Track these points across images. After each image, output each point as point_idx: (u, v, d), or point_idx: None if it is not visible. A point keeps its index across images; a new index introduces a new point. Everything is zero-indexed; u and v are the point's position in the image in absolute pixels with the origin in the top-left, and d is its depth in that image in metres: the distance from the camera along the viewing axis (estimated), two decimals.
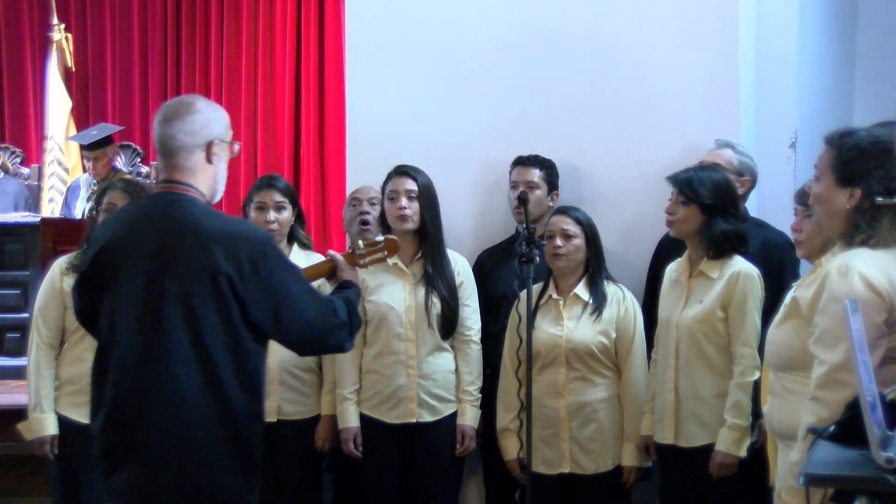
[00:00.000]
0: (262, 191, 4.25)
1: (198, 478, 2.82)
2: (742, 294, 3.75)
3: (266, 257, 2.86)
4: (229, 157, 3.03)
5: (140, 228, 2.93)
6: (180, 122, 2.93)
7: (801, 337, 2.79)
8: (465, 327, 4.21)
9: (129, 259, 2.89)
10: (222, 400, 2.82)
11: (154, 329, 2.84)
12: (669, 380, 3.84)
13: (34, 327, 4.13)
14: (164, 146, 2.94)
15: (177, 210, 2.90)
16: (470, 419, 4.19)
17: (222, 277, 2.80)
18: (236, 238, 2.86)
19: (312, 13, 7.54)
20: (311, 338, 2.98)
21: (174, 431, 2.81)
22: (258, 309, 2.84)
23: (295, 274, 2.95)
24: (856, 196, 2.71)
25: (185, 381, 2.80)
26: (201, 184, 2.94)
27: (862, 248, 2.67)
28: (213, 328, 2.81)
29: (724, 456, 3.71)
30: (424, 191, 4.18)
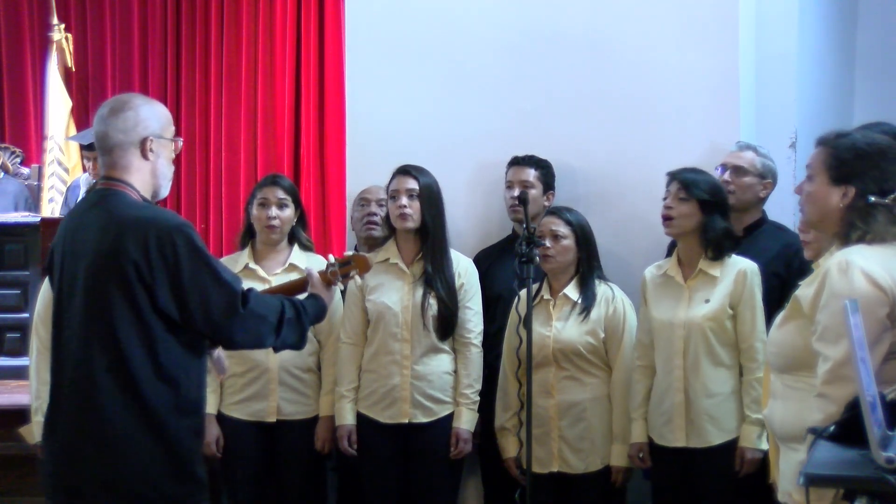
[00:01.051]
0: (266, 187, 4.27)
1: (112, 469, 2.84)
2: (751, 291, 3.80)
3: (174, 244, 2.86)
4: (172, 153, 3.07)
5: (76, 225, 3.00)
6: (114, 120, 2.99)
7: (803, 336, 2.79)
8: (465, 329, 4.20)
9: (64, 255, 2.98)
10: (134, 390, 2.84)
11: (71, 320, 2.91)
12: (677, 380, 3.84)
13: (35, 331, 4.13)
14: (100, 143, 3.01)
15: (103, 204, 2.96)
16: (466, 422, 4.17)
17: (129, 265, 2.83)
18: (146, 224, 2.88)
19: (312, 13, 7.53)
20: (218, 326, 2.94)
21: (86, 422, 2.86)
22: (163, 296, 2.85)
23: (204, 262, 2.91)
24: (849, 195, 2.73)
25: (97, 372, 2.84)
26: (136, 180, 2.99)
27: (859, 244, 2.68)
28: (121, 316, 2.84)
29: (751, 451, 3.73)
30: (426, 190, 4.18)
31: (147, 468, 2.86)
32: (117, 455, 2.84)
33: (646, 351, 3.99)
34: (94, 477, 2.86)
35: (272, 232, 4.21)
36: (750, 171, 4.16)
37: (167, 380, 2.89)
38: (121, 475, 2.85)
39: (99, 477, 2.86)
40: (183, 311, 2.88)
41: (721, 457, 3.79)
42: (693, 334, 3.82)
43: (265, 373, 4.18)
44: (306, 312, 3.11)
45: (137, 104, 3.03)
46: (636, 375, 3.99)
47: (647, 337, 3.98)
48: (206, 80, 7.83)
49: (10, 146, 7.43)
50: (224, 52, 7.78)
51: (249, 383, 4.20)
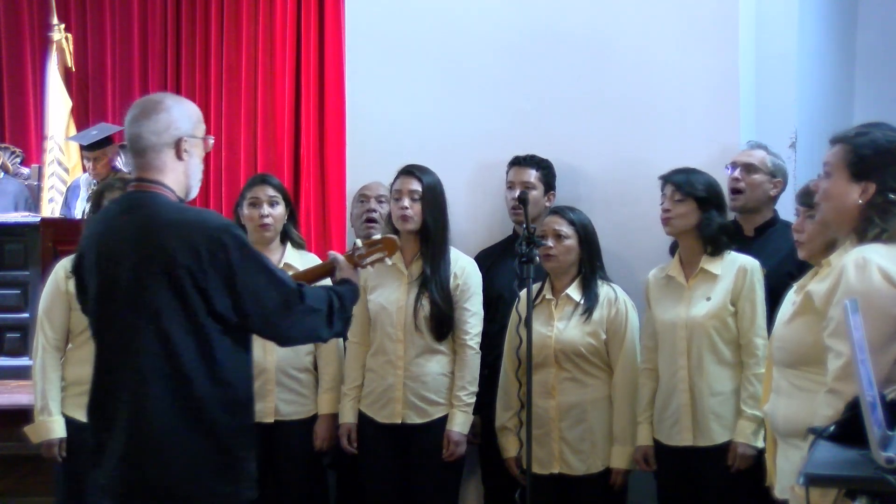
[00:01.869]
0: (255, 187, 4.26)
1: (168, 473, 2.83)
2: (751, 287, 3.80)
3: (223, 245, 2.85)
4: (203, 151, 3.04)
5: (109, 229, 2.96)
6: (147, 122, 2.94)
7: (813, 332, 2.79)
8: (462, 331, 4.17)
9: (99, 259, 2.94)
10: (189, 395, 2.83)
11: (121, 327, 2.87)
12: (682, 380, 3.84)
13: (39, 329, 4.13)
14: (133, 145, 2.97)
15: (141, 208, 2.92)
16: (458, 425, 4.14)
17: (182, 270, 2.81)
18: (193, 227, 2.86)
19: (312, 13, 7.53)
20: (277, 327, 2.95)
21: (142, 427, 2.83)
22: (219, 298, 2.83)
23: (256, 261, 2.91)
24: (869, 191, 2.72)
25: (149, 378, 2.82)
26: (171, 181, 2.96)
27: (876, 242, 2.68)
28: (175, 322, 2.82)
29: (744, 447, 3.73)
30: (428, 191, 4.17)
31: (200, 471, 2.84)
32: (171, 459, 2.83)
33: (651, 354, 3.98)
34: (147, 482, 2.84)
35: (265, 230, 4.20)
36: (761, 168, 4.17)
37: (222, 382, 2.88)
38: (174, 480, 2.84)
39: (152, 482, 2.84)
40: (240, 312, 2.86)
41: (727, 455, 3.79)
42: (696, 333, 3.83)
43: (262, 373, 4.17)
44: (348, 298, 3.11)
45: (169, 105, 2.98)
46: (641, 379, 3.99)
47: (652, 340, 3.98)
48: (206, 80, 7.83)
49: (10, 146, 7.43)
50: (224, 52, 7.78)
51: None
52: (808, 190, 3.29)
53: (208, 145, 3.06)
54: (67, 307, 4.09)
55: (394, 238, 3.52)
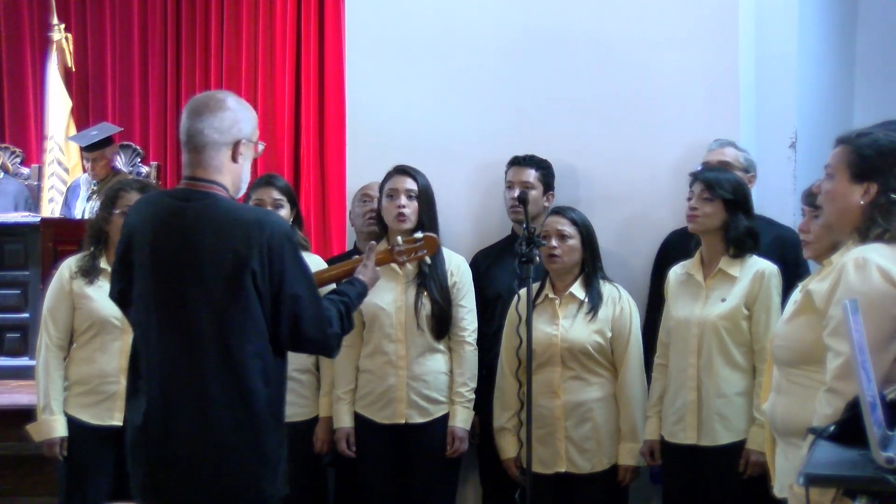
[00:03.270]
0: (261, 188, 4.25)
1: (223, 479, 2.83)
2: (767, 292, 3.79)
3: (283, 249, 2.85)
4: (253, 156, 3.02)
5: (163, 227, 2.92)
6: (211, 118, 2.90)
7: (814, 331, 2.79)
8: (459, 328, 4.18)
9: (154, 255, 2.90)
10: (246, 395, 2.83)
11: (180, 329, 2.85)
12: (691, 378, 3.84)
13: (43, 328, 4.12)
14: (191, 140, 2.91)
15: (199, 208, 2.88)
16: (461, 421, 4.16)
17: (248, 272, 2.80)
18: (260, 224, 2.84)
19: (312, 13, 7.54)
20: (301, 340, 2.96)
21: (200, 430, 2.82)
22: (265, 304, 2.84)
23: (305, 274, 2.92)
24: (871, 192, 2.72)
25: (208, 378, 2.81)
26: (226, 181, 2.93)
27: (877, 242, 2.68)
28: (236, 322, 2.81)
29: (757, 454, 3.71)
30: (424, 191, 4.18)
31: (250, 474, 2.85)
32: (228, 463, 2.83)
33: (666, 350, 3.98)
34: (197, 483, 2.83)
35: None
36: (735, 165, 4.17)
37: (271, 383, 2.89)
38: (228, 484, 2.84)
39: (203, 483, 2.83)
40: (275, 318, 2.86)
41: (729, 456, 3.78)
42: (707, 333, 3.82)
43: None
44: (353, 305, 3.12)
45: (233, 104, 2.95)
46: (654, 374, 3.99)
47: (668, 336, 3.98)
48: (206, 80, 7.84)
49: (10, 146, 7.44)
50: (224, 52, 7.79)
51: None
52: (812, 191, 3.29)
53: (258, 150, 3.03)
54: (71, 306, 4.09)
55: (434, 237, 3.53)
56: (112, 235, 4.08)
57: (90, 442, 4.03)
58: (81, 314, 4.06)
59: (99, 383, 4.05)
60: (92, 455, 4.03)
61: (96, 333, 4.05)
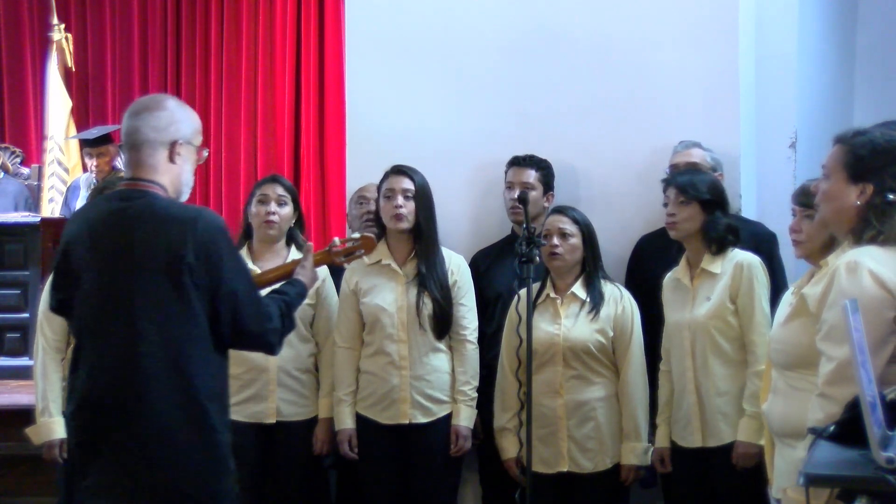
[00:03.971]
0: (266, 184, 4.27)
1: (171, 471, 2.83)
2: (749, 283, 3.79)
3: (217, 243, 2.87)
4: (196, 162, 3.03)
5: (101, 228, 2.94)
6: (148, 117, 2.95)
7: (809, 334, 2.78)
8: (460, 326, 4.19)
9: (91, 258, 2.92)
10: (191, 390, 2.84)
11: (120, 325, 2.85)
12: (689, 381, 3.84)
13: (39, 331, 4.12)
14: (129, 139, 2.95)
15: (136, 206, 2.91)
16: (465, 419, 4.17)
17: (185, 266, 2.82)
18: (194, 220, 2.86)
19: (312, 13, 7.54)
20: (242, 334, 2.96)
21: (145, 426, 2.83)
22: (203, 294, 2.85)
23: (241, 268, 2.95)
24: (867, 192, 2.71)
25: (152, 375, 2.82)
26: (165, 181, 2.95)
27: (871, 245, 2.67)
28: (176, 318, 2.83)
29: (746, 446, 3.72)
30: (421, 191, 4.18)
31: (197, 469, 2.86)
32: (175, 458, 2.84)
33: (668, 357, 3.99)
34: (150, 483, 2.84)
35: (270, 227, 4.19)
36: (703, 166, 4.18)
37: (217, 377, 2.91)
38: (177, 479, 2.84)
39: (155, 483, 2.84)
40: (213, 312, 2.87)
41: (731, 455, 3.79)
42: (698, 334, 3.83)
43: (264, 374, 4.17)
44: (293, 304, 3.14)
45: (172, 106, 3.00)
46: (661, 380, 4.00)
47: (669, 342, 3.98)
48: (206, 80, 7.84)
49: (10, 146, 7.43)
50: (224, 52, 7.79)
51: (248, 384, 4.19)
52: (804, 190, 3.29)
53: (202, 156, 3.06)
54: None
55: (371, 236, 3.55)
56: None
57: None
58: None
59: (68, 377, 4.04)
60: None
61: None
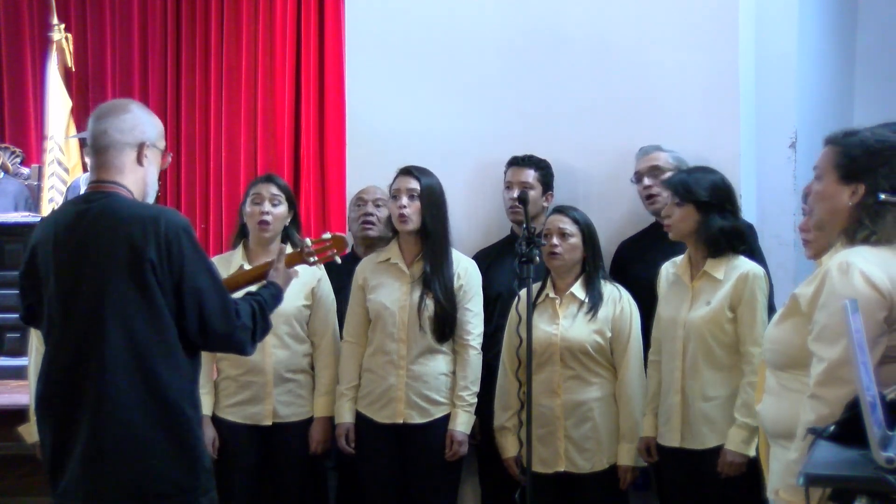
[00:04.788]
0: (260, 184, 4.26)
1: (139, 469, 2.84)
2: (751, 295, 3.77)
3: (180, 241, 2.88)
4: (162, 165, 3.07)
5: (64, 230, 2.96)
6: (113, 119, 2.99)
7: (800, 334, 2.78)
8: (464, 331, 4.18)
9: (55, 260, 2.94)
10: (155, 387, 2.85)
11: (84, 323, 2.87)
12: (676, 381, 3.84)
13: (33, 330, 4.11)
14: (95, 142, 2.99)
15: (98, 206, 2.93)
16: (461, 424, 4.15)
17: (147, 264, 2.83)
18: (156, 219, 2.88)
19: (312, 13, 7.54)
20: (209, 333, 2.96)
21: (112, 424, 2.83)
22: (167, 292, 2.87)
23: (205, 266, 2.95)
24: (859, 192, 2.71)
25: (117, 372, 2.83)
26: (129, 183, 2.98)
27: (863, 245, 2.67)
28: (140, 316, 2.84)
29: (733, 455, 3.72)
30: (427, 191, 4.17)
31: (168, 466, 2.87)
32: (142, 456, 2.84)
33: (659, 346, 3.98)
34: (117, 482, 2.84)
35: (264, 229, 4.18)
36: (665, 168, 4.18)
37: (185, 376, 2.92)
38: (145, 476, 2.85)
39: (123, 481, 2.84)
40: (179, 311, 2.89)
41: (716, 459, 3.78)
42: (692, 336, 3.82)
43: (261, 376, 4.16)
44: (268, 305, 3.14)
45: (136, 108, 3.05)
46: (650, 370, 4.00)
47: (661, 334, 3.98)
48: (206, 80, 7.84)
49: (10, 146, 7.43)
50: (224, 52, 7.79)
51: (244, 386, 4.18)
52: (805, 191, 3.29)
53: (166, 161, 3.10)
54: None
55: (343, 236, 3.57)
56: None
57: None
58: None
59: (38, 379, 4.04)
60: None
61: None
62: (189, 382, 2.95)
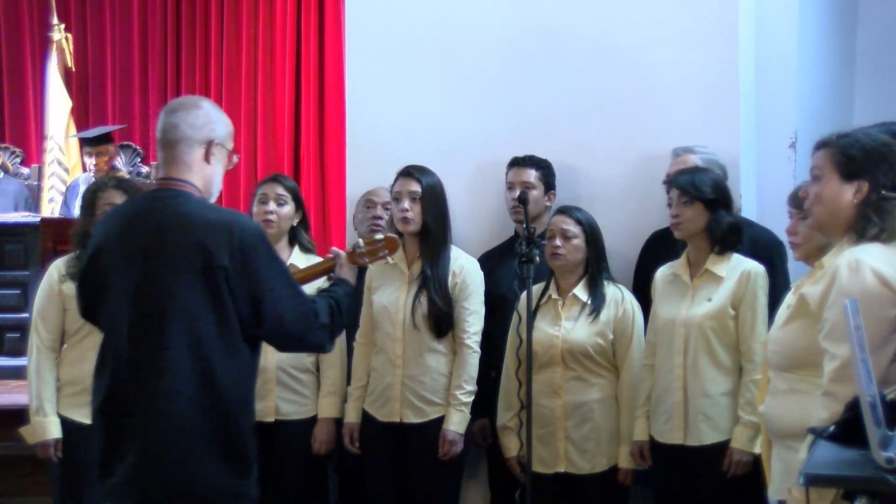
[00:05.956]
0: (268, 184, 4.27)
1: (189, 472, 2.82)
2: (753, 292, 3.79)
3: (256, 249, 2.86)
4: (227, 166, 3.04)
5: (134, 226, 2.94)
6: (185, 114, 2.95)
7: (808, 335, 2.78)
8: (460, 329, 4.15)
9: (122, 256, 2.91)
10: (215, 392, 2.82)
11: (148, 323, 2.84)
12: (677, 378, 3.84)
13: (33, 330, 4.12)
14: (165, 136, 2.95)
15: (170, 205, 2.90)
16: (454, 424, 4.11)
17: (219, 270, 2.81)
18: (230, 227, 2.86)
19: (312, 13, 7.54)
20: (287, 337, 2.97)
21: (167, 425, 2.81)
22: (241, 301, 2.84)
23: (281, 272, 2.94)
24: (863, 189, 2.72)
25: (179, 374, 2.80)
26: (197, 180, 2.95)
27: (873, 242, 2.68)
28: (206, 320, 2.82)
29: (740, 453, 3.72)
30: (428, 192, 4.17)
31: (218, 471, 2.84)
32: (194, 459, 2.81)
33: (653, 350, 3.98)
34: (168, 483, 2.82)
35: (268, 227, 4.16)
36: None
37: (242, 382, 2.90)
38: (195, 480, 2.82)
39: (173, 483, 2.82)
40: (257, 318, 2.86)
41: (715, 456, 3.78)
42: (693, 333, 3.82)
43: (262, 373, 4.14)
44: (344, 303, 3.12)
45: (208, 105, 3.03)
46: (643, 374, 3.99)
47: (655, 336, 3.98)
48: (206, 80, 7.84)
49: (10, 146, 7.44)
50: (224, 52, 7.79)
51: None
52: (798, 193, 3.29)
53: (232, 161, 3.07)
54: (62, 308, 4.08)
55: (395, 237, 3.54)
56: None
57: (84, 441, 4.00)
58: (73, 315, 4.04)
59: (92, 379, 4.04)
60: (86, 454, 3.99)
61: (88, 333, 4.04)
62: (246, 391, 2.93)
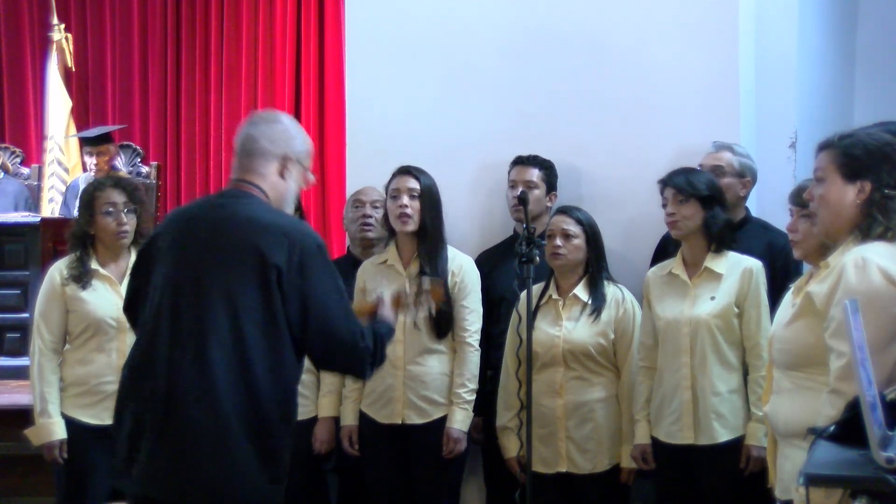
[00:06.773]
0: None
1: (224, 468, 2.80)
2: (756, 289, 3.82)
3: (314, 259, 2.87)
4: (301, 184, 3.05)
5: (194, 221, 2.97)
6: (266, 127, 2.99)
7: (814, 333, 2.79)
8: (460, 328, 4.16)
9: (179, 245, 2.92)
10: (252, 390, 2.81)
11: (194, 314, 2.84)
12: (685, 378, 3.84)
13: (35, 332, 4.11)
14: (243, 146, 2.99)
15: (233, 204, 2.93)
16: (458, 422, 4.13)
17: (273, 270, 2.81)
18: (291, 232, 2.88)
19: (312, 13, 7.54)
20: (332, 352, 2.95)
21: (202, 423, 2.79)
22: (291, 306, 2.84)
23: (336, 286, 2.93)
24: (866, 189, 2.73)
25: (220, 368, 2.79)
26: (268, 188, 2.96)
27: (879, 241, 2.68)
28: (253, 318, 2.81)
29: (758, 450, 3.72)
30: (426, 191, 4.17)
31: (251, 472, 2.83)
32: (228, 459, 2.80)
33: (649, 352, 3.98)
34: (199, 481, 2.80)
35: None
36: (728, 171, 4.18)
37: (282, 384, 2.88)
38: (227, 479, 2.81)
39: (205, 480, 2.80)
40: (303, 326, 2.86)
41: (727, 454, 3.80)
42: (699, 332, 3.83)
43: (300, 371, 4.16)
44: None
45: (287, 121, 3.07)
46: (639, 377, 3.99)
47: (650, 338, 3.98)
48: (206, 80, 7.84)
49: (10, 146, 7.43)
50: (224, 52, 7.79)
51: None
52: (801, 190, 3.29)
53: (308, 180, 3.08)
54: (64, 309, 4.08)
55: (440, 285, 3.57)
56: (98, 237, 4.08)
57: (89, 442, 4.02)
58: (76, 317, 4.06)
59: (97, 383, 4.05)
60: (91, 455, 4.02)
61: (92, 335, 4.05)
62: (287, 394, 2.91)
